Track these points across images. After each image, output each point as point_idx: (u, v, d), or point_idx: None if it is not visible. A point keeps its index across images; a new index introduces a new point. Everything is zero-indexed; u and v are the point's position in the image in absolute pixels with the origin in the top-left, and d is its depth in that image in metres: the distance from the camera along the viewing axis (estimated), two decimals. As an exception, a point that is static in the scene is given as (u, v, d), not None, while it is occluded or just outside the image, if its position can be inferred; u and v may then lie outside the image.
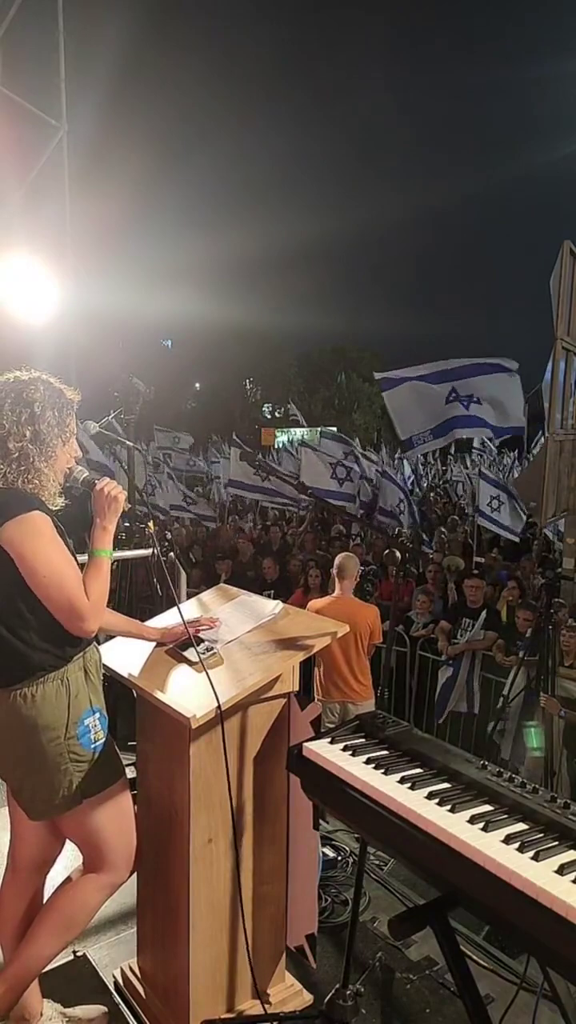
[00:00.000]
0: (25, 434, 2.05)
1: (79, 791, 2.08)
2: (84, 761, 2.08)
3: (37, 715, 2.02)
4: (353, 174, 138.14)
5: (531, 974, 2.42)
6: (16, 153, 6.56)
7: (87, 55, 9.77)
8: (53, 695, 2.04)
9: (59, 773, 2.05)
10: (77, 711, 2.07)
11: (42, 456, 2.07)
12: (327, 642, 2.41)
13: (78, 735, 2.07)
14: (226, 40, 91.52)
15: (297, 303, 49.49)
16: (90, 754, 2.10)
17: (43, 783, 2.06)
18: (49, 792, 2.06)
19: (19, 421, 2.05)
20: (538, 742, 4.82)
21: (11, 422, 2.05)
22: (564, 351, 6.00)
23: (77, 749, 2.07)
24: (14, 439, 2.05)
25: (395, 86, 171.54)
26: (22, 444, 2.05)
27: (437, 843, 1.63)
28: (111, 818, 2.17)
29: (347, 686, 5.38)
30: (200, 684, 2.24)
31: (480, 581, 6.89)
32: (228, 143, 76.54)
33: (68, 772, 2.06)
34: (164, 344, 42.24)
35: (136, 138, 37.72)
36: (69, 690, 2.07)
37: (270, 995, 2.46)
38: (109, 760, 2.16)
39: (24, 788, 2.10)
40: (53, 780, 2.05)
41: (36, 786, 2.07)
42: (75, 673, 2.10)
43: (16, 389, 2.09)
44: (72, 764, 2.06)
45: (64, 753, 2.05)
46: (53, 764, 2.04)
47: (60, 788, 2.06)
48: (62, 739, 2.05)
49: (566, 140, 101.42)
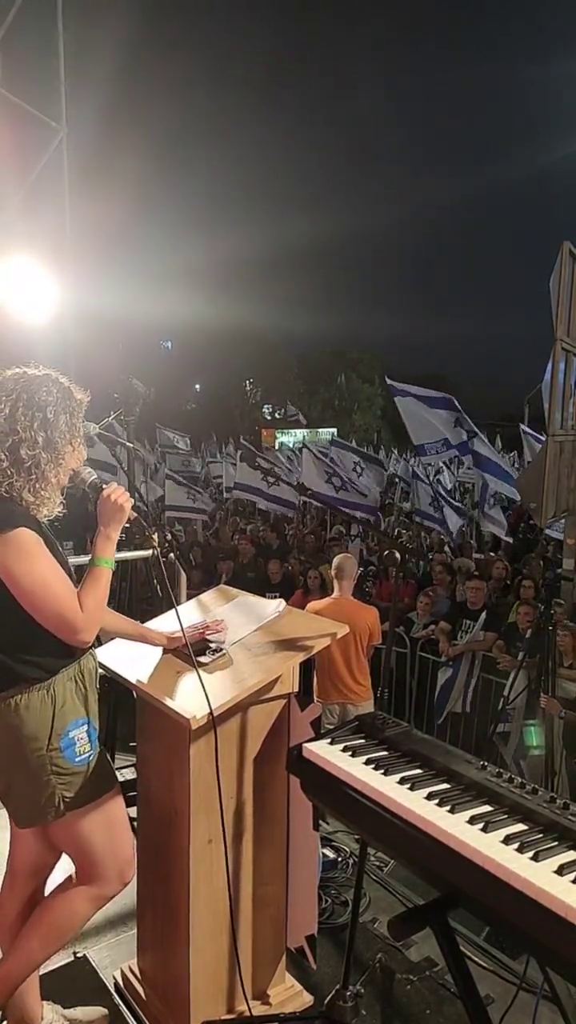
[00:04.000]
0: (38, 440, 1.98)
1: (63, 803, 2.04)
2: (67, 774, 2.04)
3: (20, 724, 1.99)
4: (352, 174, 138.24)
5: (531, 975, 2.42)
6: (16, 155, 6.57)
7: (87, 57, 9.77)
8: (38, 705, 2.00)
9: (41, 784, 2.02)
10: (63, 723, 2.03)
11: (52, 463, 2.01)
12: (327, 643, 2.41)
13: (62, 747, 2.03)
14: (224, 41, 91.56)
15: (297, 304, 49.49)
16: (74, 767, 2.05)
17: (26, 792, 2.04)
18: (32, 802, 2.04)
19: (32, 427, 1.98)
20: (538, 740, 4.82)
21: (24, 427, 1.97)
22: (564, 352, 6.00)
23: (60, 762, 2.03)
24: (27, 446, 1.97)
25: (393, 86, 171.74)
26: (35, 452, 1.98)
27: (437, 844, 1.63)
28: (100, 830, 2.13)
29: (346, 687, 5.38)
30: (200, 685, 2.24)
31: (480, 582, 6.89)
32: (227, 144, 76.60)
33: (51, 784, 2.02)
34: (164, 345, 42.22)
35: (135, 140, 37.68)
36: (55, 701, 2.02)
37: (270, 996, 2.46)
38: (97, 773, 2.12)
39: (11, 795, 2.09)
40: (36, 790, 2.03)
41: (20, 795, 2.06)
42: (63, 684, 2.05)
43: (27, 389, 2.01)
44: (55, 776, 2.02)
45: (46, 765, 2.01)
46: (35, 775, 2.01)
47: (43, 798, 2.03)
48: (44, 750, 2.01)
49: (565, 140, 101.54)
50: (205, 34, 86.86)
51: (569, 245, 5.83)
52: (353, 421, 42.24)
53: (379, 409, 44.70)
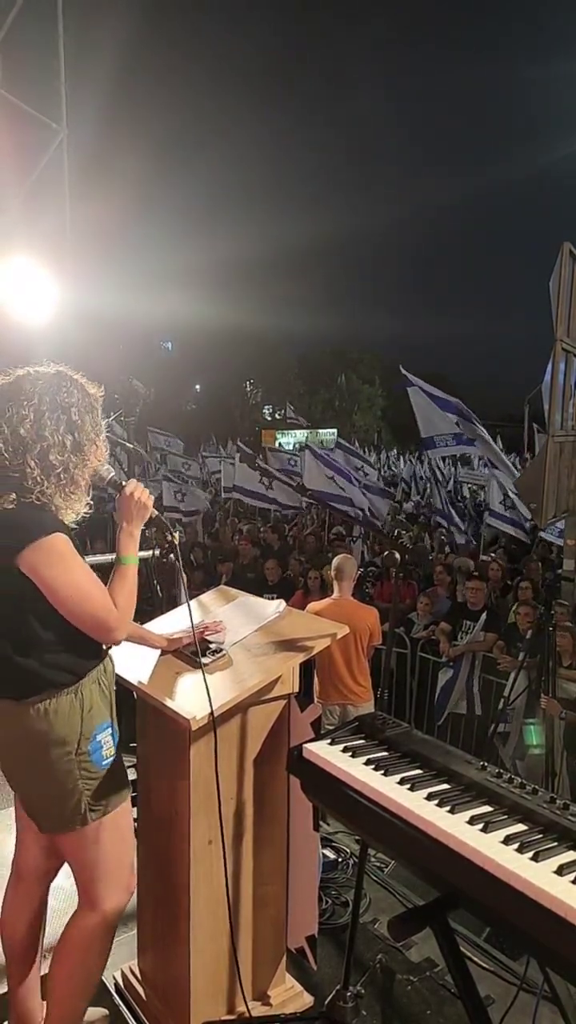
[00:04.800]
0: (66, 444, 1.94)
1: (90, 809, 2.03)
2: (94, 778, 2.03)
3: (49, 729, 1.97)
4: (352, 174, 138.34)
5: (531, 975, 2.42)
6: (16, 156, 6.57)
7: (87, 58, 9.77)
8: (67, 709, 1.98)
9: (69, 790, 2.00)
10: (90, 726, 2.02)
11: (80, 466, 1.98)
12: (327, 643, 2.41)
13: (90, 751, 2.01)
14: (224, 42, 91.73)
15: (297, 304, 49.51)
16: (100, 771, 2.04)
17: (53, 798, 2.02)
18: (59, 807, 2.02)
19: (59, 431, 1.94)
20: (538, 739, 4.82)
21: (51, 431, 1.93)
22: (564, 352, 6.00)
23: (88, 766, 2.01)
24: (56, 451, 1.93)
25: (393, 87, 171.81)
26: (64, 457, 1.94)
27: (437, 844, 1.63)
28: (114, 838, 2.10)
29: (346, 688, 5.38)
30: (200, 686, 2.24)
31: (481, 583, 6.89)
32: (227, 144, 76.63)
33: (78, 789, 2.00)
34: (164, 346, 42.23)
35: (136, 141, 37.74)
36: (83, 704, 2.01)
37: (271, 997, 2.46)
38: (119, 777, 2.11)
39: (35, 804, 2.08)
40: (63, 796, 2.01)
41: (46, 801, 2.04)
42: (89, 687, 2.04)
43: (48, 392, 1.97)
44: (82, 781, 2.01)
45: (74, 770, 2.00)
46: (63, 780, 1.99)
47: (69, 804, 2.01)
48: (73, 755, 1.99)
49: (566, 140, 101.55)
50: (205, 34, 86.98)
51: (569, 245, 5.83)
52: (353, 421, 42.25)
53: (379, 409, 44.76)
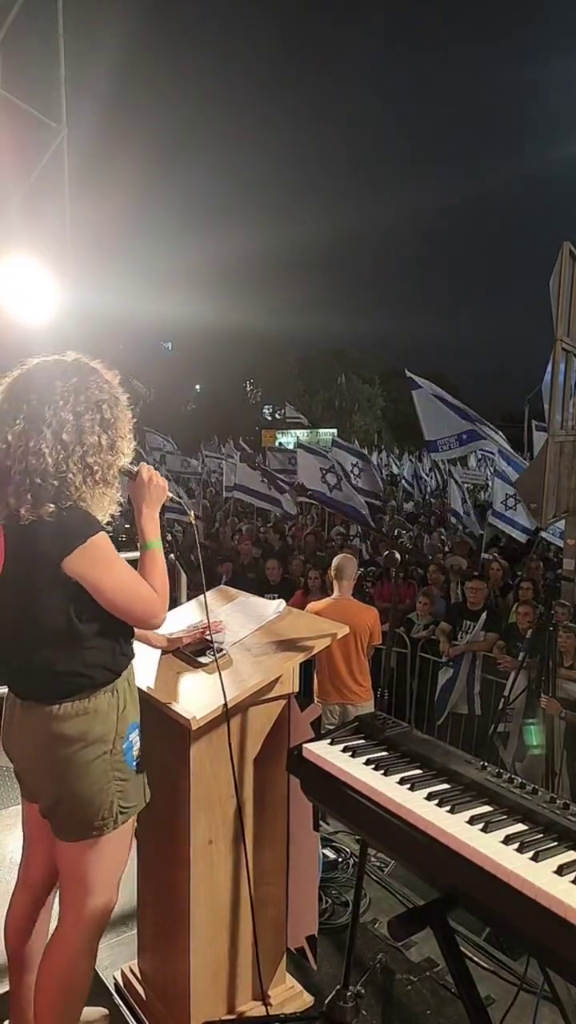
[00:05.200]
0: (102, 444, 1.89)
1: (120, 811, 1.97)
2: (126, 779, 1.98)
3: (88, 728, 1.91)
4: (352, 175, 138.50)
5: (531, 975, 2.42)
6: (16, 155, 6.56)
7: (87, 57, 9.78)
8: (105, 707, 1.94)
9: (102, 790, 1.93)
10: (124, 725, 1.98)
11: (113, 465, 1.93)
12: (327, 643, 2.41)
13: (124, 751, 1.97)
14: (225, 41, 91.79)
15: (297, 305, 49.56)
16: (132, 771, 2.00)
17: (84, 801, 1.93)
18: (86, 811, 1.93)
19: (94, 431, 1.87)
20: (538, 740, 4.83)
21: (89, 432, 1.86)
22: (564, 352, 6.01)
23: (121, 766, 1.96)
24: (94, 453, 1.87)
25: (393, 87, 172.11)
26: (102, 457, 1.89)
27: (437, 844, 1.63)
28: (114, 857, 2.04)
29: (346, 688, 5.39)
30: (201, 686, 2.24)
31: (481, 583, 6.90)
32: (228, 145, 76.73)
33: (110, 791, 1.94)
34: (164, 346, 42.23)
35: (136, 140, 37.77)
36: (119, 702, 1.97)
37: (271, 996, 2.46)
38: (142, 780, 2.07)
39: (64, 806, 1.95)
40: (94, 797, 1.93)
41: (75, 803, 1.93)
42: (122, 684, 1.99)
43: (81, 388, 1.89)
44: (115, 782, 1.95)
45: (109, 771, 1.94)
46: (98, 779, 1.93)
47: (98, 807, 1.93)
48: (109, 755, 1.94)
49: (566, 141, 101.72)
50: (206, 33, 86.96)
51: (569, 245, 5.84)
52: (353, 422, 42.25)
53: (379, 409, 44.76)
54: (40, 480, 1.81)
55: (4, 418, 1.86)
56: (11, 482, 1.83)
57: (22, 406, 1.85)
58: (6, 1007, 2.27)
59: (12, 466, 1.82)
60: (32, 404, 1.84)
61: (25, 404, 1.85)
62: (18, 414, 1.84)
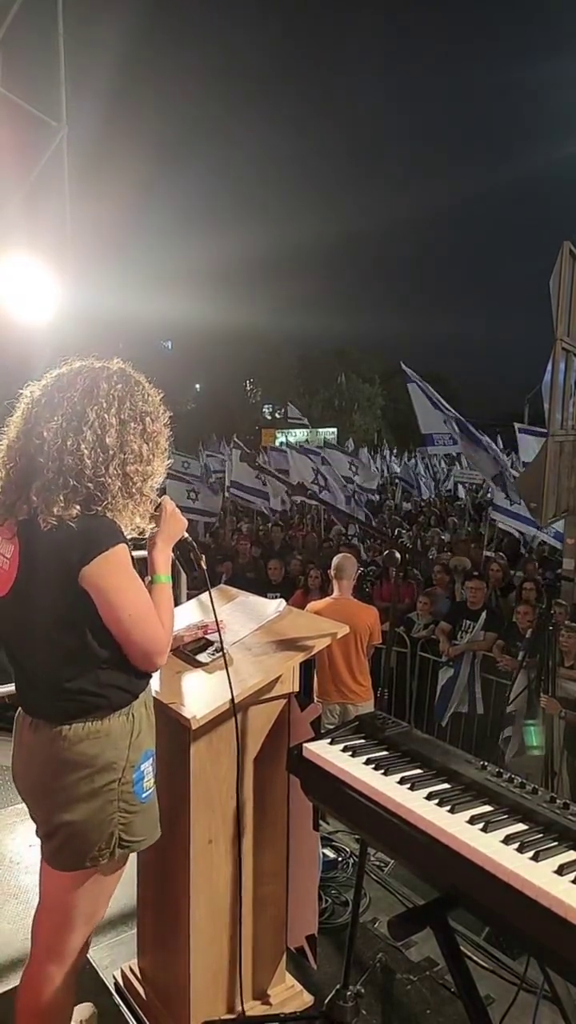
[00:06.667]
0: (143, 455, 1.80)
1: (118, 845, 1.83)
2: (131, 812, 1.84)
3: (98, 753, 1.78)
4: (353, 175, 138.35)
5: (531, 975, 2.42)
6: (16, 154, 6.56)
7: (87, 56, 9.78)
8: (118, 731, 1.81)
9: (101, 822, 1.80)
10: (137, 753, 1.85)
11: (151, 478, 1.84)
12: (327, 643, 2.41)
13: (133, 780, 1.83)
14: (224, 40, 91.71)
15: (297, 304, 49.48)
16: (140, 804, 1.86)
17: (83, 831, 1.79)
18: (83, 842, 1.80)
19: (137, 440, 1.79)
20: (537, 740, 4.83)
21: (133, 440, 1.78)
22: (564, 352, 6.01)
23: (129, 797, 1.82)
24: (134, 462, 1.78)
25: (393, 86, 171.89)
26: (141, 467, 1.80)
27: (437, 844, 1.63)
28: (102, 892, 1.91)
29: (346, 687, 5.39)
30: (201, 685, 2.24)
31: (481, 582, 6.90)
32: (228, 144, 76.72)
33: (113, 822, 1.80)
34: (164, 345, 42.20)
35: (136, 139, 37.70)
36: (133, 727, 1.84)
37: (270, 996, 2.46)
38: (151, 815, 1.93)
39: (60, 833, 1.81)
40: (93, 829, 1.80)
41: (72, 832, 1.80)
42: (139, 708, 1.87)
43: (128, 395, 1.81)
44: (119, 814, 1.81)
45: (115, 800, 1.80)
46: (99, 810, 1.79)
47: (96, 839, 1.80)
48: (117, 783, 1.80)
49: (566, 141, 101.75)
50: (206, 31, 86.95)
51: (569, 245, 5.84)
52: (353, 421, 42.26)
53: (379, 409, 44.75)
54: (75, 481, 1.71)
55: (41, 413, 1.77)
56: (40, 479, 1.73)
57: (62, 403, 1.76)
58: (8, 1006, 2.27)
59: (45, 463, 1.72)
60: (74, 402, 1.76)
61: (66, 401, 1.76)
62: (56, 411, 1.76)
